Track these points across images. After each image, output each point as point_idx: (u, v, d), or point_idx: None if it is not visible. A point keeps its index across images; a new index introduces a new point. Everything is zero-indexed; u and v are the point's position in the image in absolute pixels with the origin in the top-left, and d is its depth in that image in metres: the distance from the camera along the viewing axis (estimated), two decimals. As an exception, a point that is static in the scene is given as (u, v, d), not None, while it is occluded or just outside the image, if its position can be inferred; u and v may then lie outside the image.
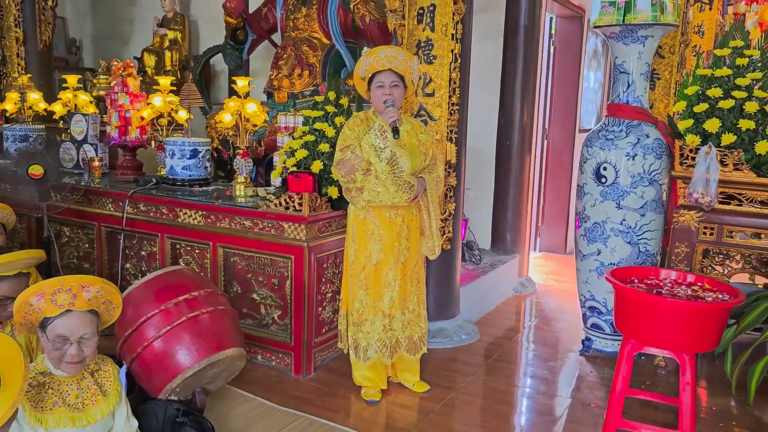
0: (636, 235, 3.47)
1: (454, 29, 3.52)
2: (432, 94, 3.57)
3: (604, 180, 3.50)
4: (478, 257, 4.72)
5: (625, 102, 3.51)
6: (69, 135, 4.34)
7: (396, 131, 2.81)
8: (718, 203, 3.09)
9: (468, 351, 3.71)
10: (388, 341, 3.02)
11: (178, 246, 3.55)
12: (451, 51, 3.54)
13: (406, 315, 3.06)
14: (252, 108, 3.59)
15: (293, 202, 3.11)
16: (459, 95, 3.63)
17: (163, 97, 4.00)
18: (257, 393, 3.03)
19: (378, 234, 2.95)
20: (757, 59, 3.17)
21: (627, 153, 3.43)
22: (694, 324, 2.34)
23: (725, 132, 3.08)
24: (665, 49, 4.13)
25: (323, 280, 3.29)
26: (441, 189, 3.29)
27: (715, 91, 3.13)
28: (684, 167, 3.17)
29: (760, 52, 3.18)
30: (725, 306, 2.35)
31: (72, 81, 4.61)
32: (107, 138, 4.24)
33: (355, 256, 3.00)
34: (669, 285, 2.61)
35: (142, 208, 3.63)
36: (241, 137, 3.66)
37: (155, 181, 3.76)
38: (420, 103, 3.59)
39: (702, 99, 3.19)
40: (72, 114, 4.35)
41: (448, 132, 3.61)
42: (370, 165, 2.89)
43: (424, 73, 3.55)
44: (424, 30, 3.54)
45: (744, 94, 3.07)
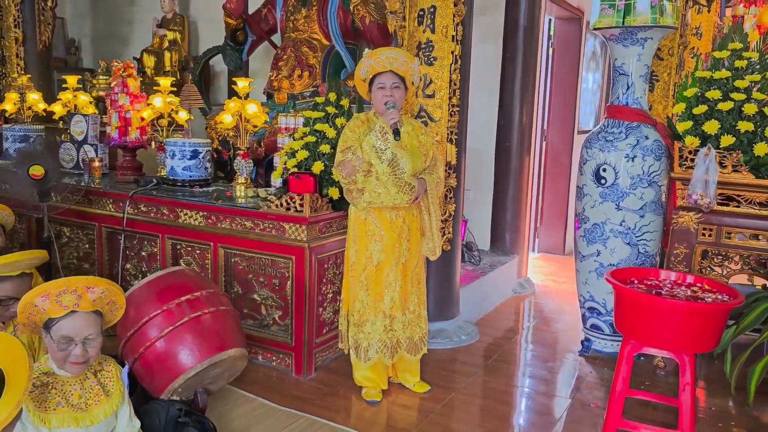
0: (635, 236, 3.48)
1: (454, 31, 3.53)
2: (432, 95, 3.58)
3: (603, 181, 3.51)
4: (477, 258, 4.73)
5: (625, 104, 3.53)
6: (69, 135, 4.35)
7: (397, 132, 2.82)
8: (716, 205, 3.10)
9: (468, 351, 3.72)
10: (388, 342, 3.03)
11: (178, 246, 3.56)
12: (452, 52, 3.55)
13: (406, 315, 3.07)
14: (252, 109, 3.60)
15: (294, 202, 3.12)
16: (459, 97, 3.65)
17: (164, 98, 4.01)
18: (258, 393, 3.04)
19: (379, 235, 2.96)
20: (756, 61, 3.18)
21: (626, 154, 3.44)
22: (693, 324, 2.35)
23: (724, 134, 3.09)
24: (664, 51, 4.16)
25: (324, 280, 3.30)
26: (441, 190, 3.31)
27: (714, 93, 3.14)
28: (683, 169, 3.18)
29: (758, 54, 3.19)
30: (725, 307, 2.36)
31: (72, 81, 4.61)
32: (107, 138, 4.24)
33: (356, 256, 3.01)
34: (669, 286, 2.63)
35: (142, 208, 3.64)
36: (242, 138, 3.67)
37: (156, 182, 3.76)
38: (420, 105, 3.60)
39: (701, 101, 3.20)
40: (72, 114, 4.35)
41: (448, 133, 3.62)
42: (371, 166, 2.89)
43: (424, 75, 3.56)
44: (424, 31, 3.55)
45: (743, 96, 3.08)
